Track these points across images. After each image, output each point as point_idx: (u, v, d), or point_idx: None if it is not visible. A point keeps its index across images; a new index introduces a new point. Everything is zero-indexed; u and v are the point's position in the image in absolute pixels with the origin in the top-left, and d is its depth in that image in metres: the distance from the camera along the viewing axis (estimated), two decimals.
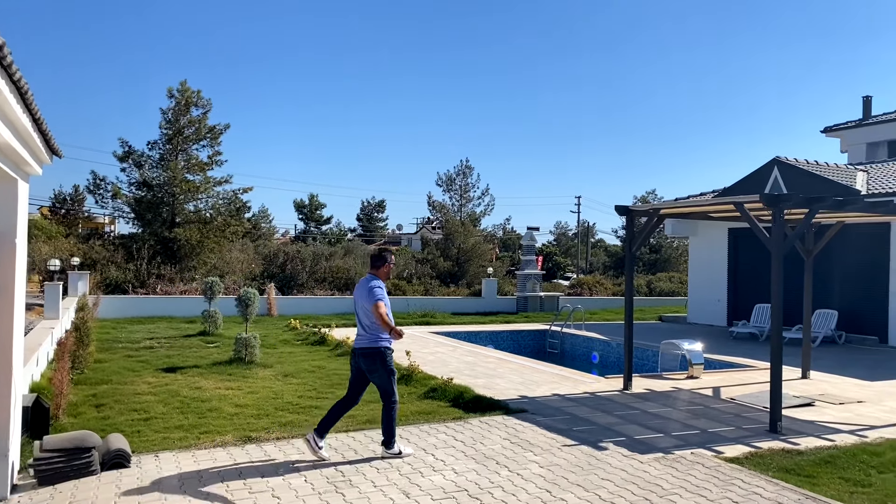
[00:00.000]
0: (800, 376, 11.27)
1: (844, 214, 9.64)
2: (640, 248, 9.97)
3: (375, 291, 6.16)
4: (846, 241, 16.00)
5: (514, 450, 6.49)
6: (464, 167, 39.24)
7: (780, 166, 17.08)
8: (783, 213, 7.59)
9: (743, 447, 6.88)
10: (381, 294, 6.20)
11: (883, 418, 8.39)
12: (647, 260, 52.22)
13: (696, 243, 21.02)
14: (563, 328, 17.79)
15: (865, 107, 23.75)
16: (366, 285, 6.27)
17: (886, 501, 5.40)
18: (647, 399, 9.26)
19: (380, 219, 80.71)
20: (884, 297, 15.47)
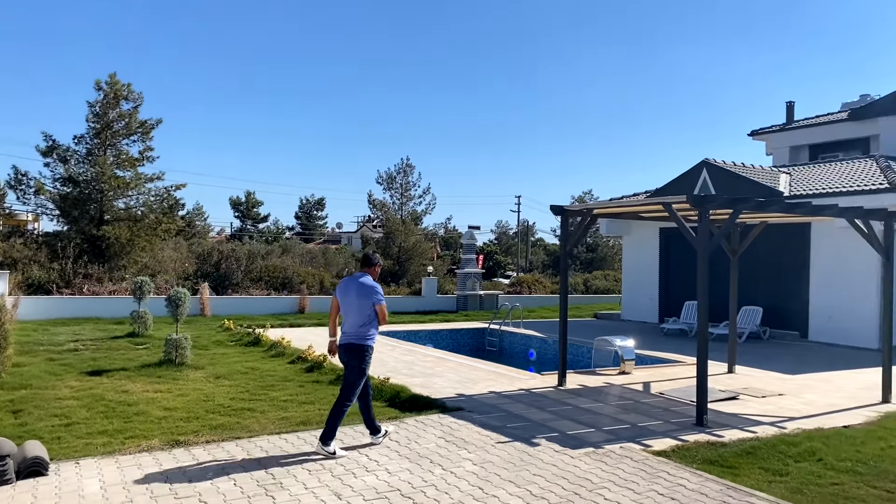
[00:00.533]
0: (726, 371, 11.70)
1: (767, 215, 10.05)
2: (576, 247, 10.15)
3: (380, 293, 6.41)
4: (770, 241, 16.69)
5: (448, 448, 6.50)
6: (405, 165, 39.17)
7: (708, 168, 17.68)
8: (709, 214, 7.85)
9: (670, 440, 7.09)
10: (382, 294, 6.50)
11: (801, 410, 8.79)
12: (584, 259, 53.30)
13: (629, 242, 21.57)
14: (501, 326, 17.96)
15: (789, 112, 24.84)
16: (359, 282, 6.42)
17: (801, 489, 5.65)
18: (581, 395, 9.44)
19: (319, 217, 79.75)
20: (805, 295, 16.21)
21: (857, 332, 14.92)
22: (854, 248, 14.79)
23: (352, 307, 6.41)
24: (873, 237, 9.46)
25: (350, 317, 6.43)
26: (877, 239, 9.50)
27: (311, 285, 25.89)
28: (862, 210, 9.23)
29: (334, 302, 6.68)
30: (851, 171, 16.63)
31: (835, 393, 9.95)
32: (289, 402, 8.56)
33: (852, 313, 15.07)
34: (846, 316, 15.21)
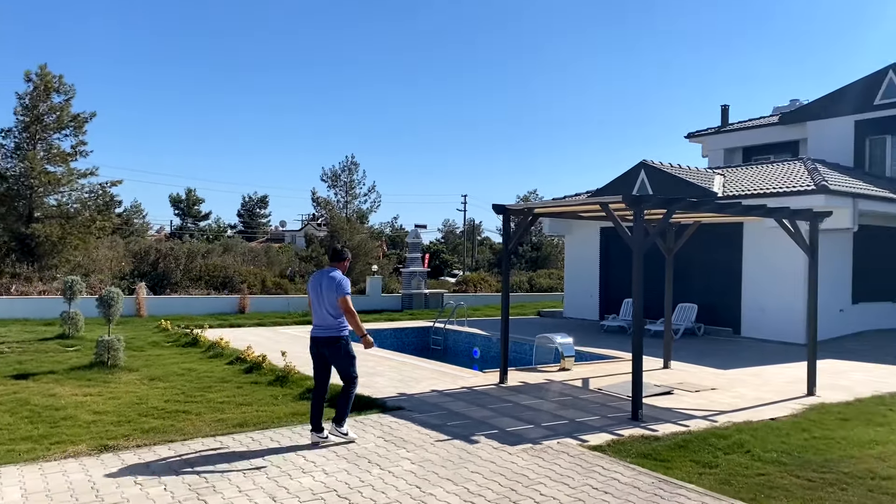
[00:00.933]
0: (662, 366, 12.02)
1: (699, 214, 10.36)
2: (519, 246, 10.25)
3: (344, 285, 6.57)
4: (706, 240, 17.21)
5: (387, 448, 6.48)
6: (349, 163, 38.89)
7: (646, 169, 18.12)
8: (643, 213, 8.04)
9: (606, 435, 7.23)
10: (349, 288, 6.64)
11: (732, 403, 9.09)
12: (529, 257, 53.86)
13: (570, 242, 21.92)
14: (446, 325, 18.00)
15: (723, 115, 25.68)
16: (329, 276, 6.62)
17: (729, 480, 5.84)
18: (521, 392, 9.54)
19: (262, 215, 78.44)
20: (737, 292, 16.79)
21: (786, 328, 15.52)
22: (783, 247, 15.37)
23: (322, 300, 6.62)
24: (799, 237, 9.86)
25: (321, 310, 6.64)
26: (803, 238, 9.90)
27: (253, 285, 25.42)
28: (788, 210, 9.60)
29: (309, 298, 6.88)
30: (781, 173, 17.29)
31: (764, 387, 10.33)
32: (226, 404, 8.38)
33: (781, 310, 15.68)
34: (776, 313, 15.81)
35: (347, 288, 6.59)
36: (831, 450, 6.81)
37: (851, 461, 6.44)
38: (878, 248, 17.23)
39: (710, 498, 5.32)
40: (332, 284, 6.58)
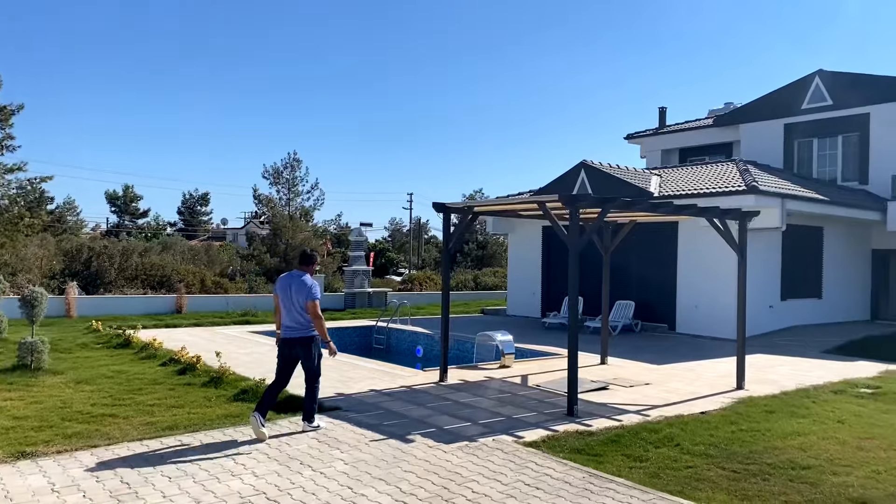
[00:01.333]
0: (599, 362, 12.23)
1: (634, 214, 10.58)
2: (462, 244, 10.26)
3: (315, 290, 6.81)
4: (643, 239, 17.59)
5: (320, 448, 6.39)
6: (292, 160, 38.34)
7: (586, 169, 18.42)
8: (579, 212, 8.16)
9: (542, 431, 7.30)
10: (319, 292, 6.88)
11: (664, 398, 9.31)
12: (474, 256, 54.09)
13: (514, 240, 22.12)
14: (389, 324, 17.91)
15: (661, 117, 26.34)
16: (299, 279, 6.86)
17: (659, 473, 5.98)
18: (461, 390, 9.56)
19: (203, 212, 76.59)
20: (673, 289, 17.23)
21: (718, 324, 16.01)
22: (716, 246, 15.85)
23: (291, 303, 6.83)
24: (729, 235, 10.17)
25: (291, 312, 6.85)
26: (732, 237, 10.21)
27: (192, 284, 24.78)
28: (718, 210, 9.90)
29: (275, 299, 7.06)
30: (715, 173, 17.83)
31: (696, 381, 10.62)
32: (156, 406, 8.13)
33: (714, 307, 16.16)
34: (709, 309, 16.30)
35: (318, 293, 6.84)
36: (756, 441, 7.04)
37: (774, 452, 6.68)
38: (804, 247, 17.95)
39: (638, 491, 5.43)
40: (302, 288, 6.80)
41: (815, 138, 20.92)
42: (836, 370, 11.79)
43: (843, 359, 13.22)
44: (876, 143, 19.48)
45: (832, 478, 5.91)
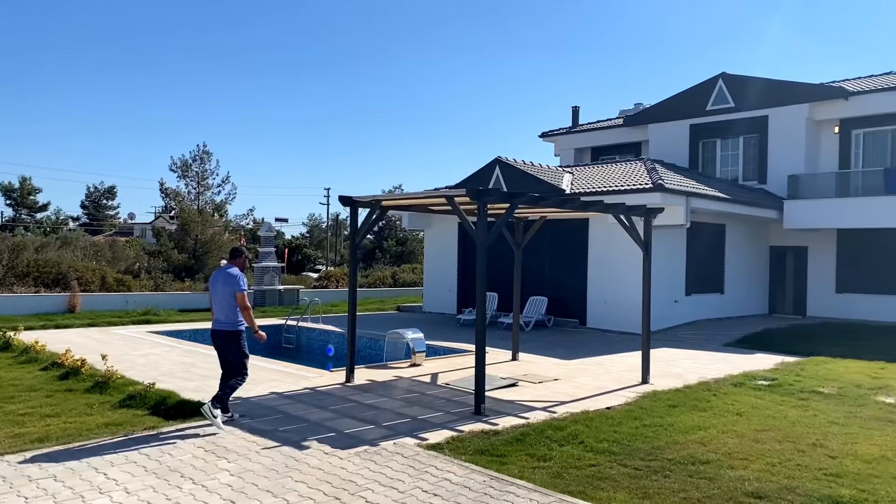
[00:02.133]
0: (510, 358, 12.17)
1: (543, 210, 10.54)
2: (377, 239, 9.92)
3: (241, 282, 7.01)
4: (555, 235, 17.76)
5: (206, 459, 5.92)
6: (201, 152, 36.59)
7: (501, 165, 18.42)
8: (487, 207, 7.99)
9: (447, 432, 7.09)
10: (245, 284, 7.06)
11: (572, 393, 9.29)
12: (393, 252, 53.76)
13: (430, 236, 21.93)
14: (299, 322, 17.34)
15: (574, 116, 26.76)
16: (226, 273, 7.09)
17: (562, 473, 5.85)
18: (367, 390, 9.23)
19: (109, 206, 72.80)
20: (584, 285, 17.46)
21: (626, 318, 16.32)
22: (624, 242, 16.16)
23: (220, 297, 7.06)
24: (635, 232, 10.27)
25: (220, 306, 7.08)
26: (638, 233, 10.32)
27: (91, 282, 23.28)
28: (624, 206, 9.97)
29: (210, 294, 7.32)
30: (624, 172, 18.18)
31: (604, 376, 10.70)
32: (28, 416, 7.41)
33: (622, 302, 16.47)
34: (617, 304, 16.60)
35: (244, 284, 7.02)
36: (659, 437, 7.06)
37: (676, 447, 6.70)
38: (708, 244, 18.57)
39: (539, 493, 5.28)
40: (229, 280, 7.04)
41: (719, 139, 21.72)
42: (735, 363, 12.16)
43: (743, 352, 13.69)
44: (773, 145, 20.39)
45: (729, 472, 5.95)
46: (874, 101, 18.88)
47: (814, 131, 20.15)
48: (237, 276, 7.05)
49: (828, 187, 18.95)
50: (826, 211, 18.59)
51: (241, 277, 7.05)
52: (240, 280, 7.03)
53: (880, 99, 18.78)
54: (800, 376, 10.72)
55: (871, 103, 18.93)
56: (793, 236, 20.41)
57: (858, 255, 19.45)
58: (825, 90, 19.54)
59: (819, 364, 11.94)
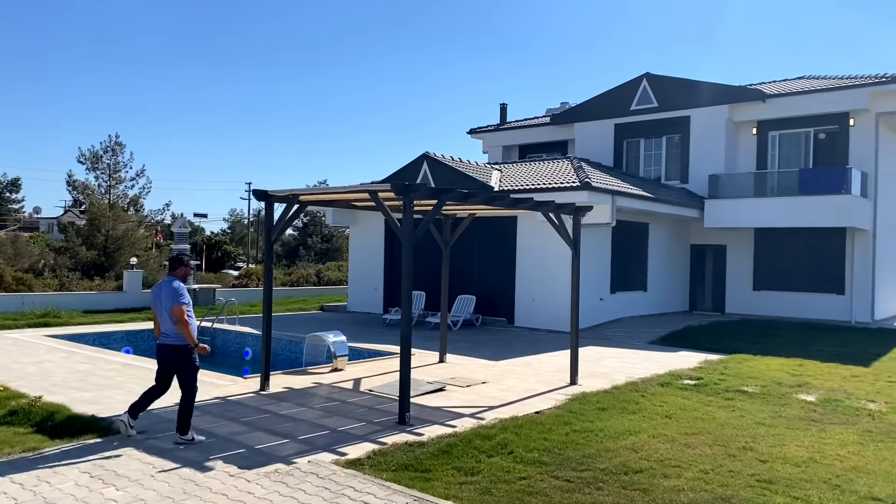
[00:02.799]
0: (437, 360, 11.76)
1: (472, 206, 10.18)
2: (301, 235, 9.28)
3: (180, 295, 6.53)
4: (484, 233, 17.49)
5: (90, 487, 5.22)
6: (113, 143, 34.55)
7: (428, 161, 18.00)
8: (413, 203, 7.53)
9: (369, 445, 6.60)
10: (186, 297, 6.57)
11: (501, 397, 8.96)
12: (318, 249, 52.57)
13: (355, 233, 21.29)
14: (214, 324, 16.39)
15: (502, 113, 26.63)
16: (168, 285, 6.65)
17: (490, 489, 5.47)
18: (284, 399, 8.61)
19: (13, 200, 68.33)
20: (512, 283, 17.26)
21: (553, 317, 16.22)
22: (552, 240, 16.03)
23: (163, 310, 6.65)
24: (564, 230, 10.04)
25: (164, 320, 6.67)
26: (567, 232, 10.09)
27: None
28: (553, 204, 9.72)
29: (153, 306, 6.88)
30: (551, 170, 18.08)
31: (532, 377, 10.44)
32: None
33: (549, 300, 16.36)
34: (545, 302, 16.47)
35: (181, 297, 6.56)
36: (590, 444, 6.79)
37: (607, 455, 6.43)
38: (632, 242, 18.73)
39: None
40: (169, 293, 6.62)
41: (643, 138, 22.00)
42: (661, 361, 12.16)
43: (667, 349, 13.77)
44: (695, 145, 20.79)
45: (663, 481, 5.72)
46: (789, 103, 19.49)
47: (733, 132, 20.65)
48: (177, 287, 6.61)
49: (746, 187, 19.45)
50: (744, 210, 19.07)
51: (181, 289, 6.60)
52: (177, 291, 6.57)
53: (795, 102, 19.40)
54: (724, 375, 10.77)
55: (787, 106, 19.53)
56: (712, 235, 20.89)
57: (774, 253, 20.07)
58: (744, 92, 20.05)
59: (741, 362, 12.08)
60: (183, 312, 6.50)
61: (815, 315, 18.99)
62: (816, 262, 19.34)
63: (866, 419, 8.12)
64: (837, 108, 18.79)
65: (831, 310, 18.88)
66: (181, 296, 6.56)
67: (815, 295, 19.24)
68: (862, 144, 18.77)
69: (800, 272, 19.57)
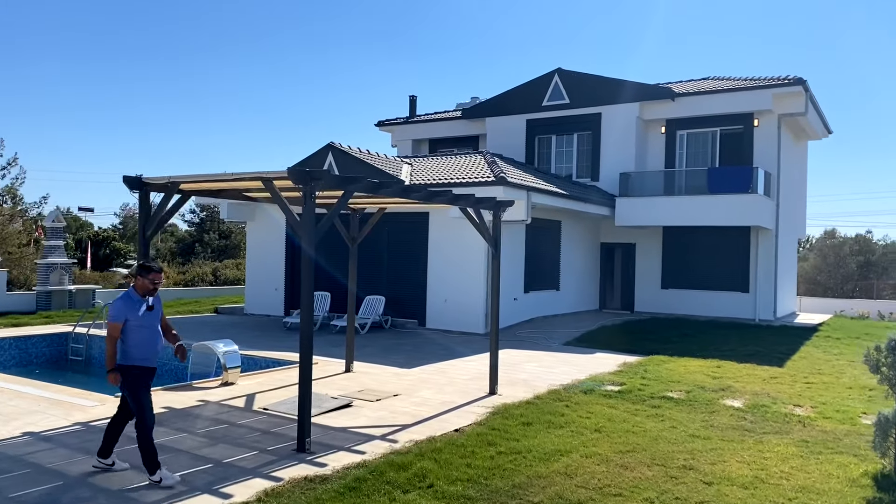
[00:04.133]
0: (343, 370, 10.69)
1: (383, 199, 9.20)
2: (158, 230, 7.96)
3: (112, 308, 5.63)
4: (393, 230, 16.50)
5: None
6: None
7: (334, 152, 16.82)
8: (315, 194, 6.46)
9: (261, 482, 5.50)
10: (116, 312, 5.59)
11: (415, 413, 8.03)
12: (216, 246, 49.84)
13: (254, 228, 19.75)
14: (91, 329, 14.55)
15: (412, 105, 25.68)
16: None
17: None
18: (162, 423, 7.30)
19: None
20: (423, 283, 16.36)
21: (466, 318, 15.46)
22: (466, 237, 15.28)
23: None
24: (483, 226, 9.23)
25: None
26: (486, 228, 9.29)
27: None
28: (473, 198, 8.88)
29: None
30: (464, 164, 17.31)
31: (448, 387, 9.57)
32: None
33: (462, 301, 15.58)
34: (457, 303, 15.68)
35: (115, 311, 5.60)
36: (518, 469, 5.97)
37: (540, 483, 5.63)
38: (545, 240, 18.28)
39: None
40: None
41: (554, 135, 21.65)
42: (579, 365, 11.62)
43: (584, 351, 13.28)
44: (606, 142, 20.62)
45: None
46: (697, 102, 19.61)
47: (643, 130, 20.62)
48: (114, 301, 5.70)
49: (656, 186, 19.42)
50: (654, 209, 19.02)
51: (114, 303, 5.65)
52: (112, 305, 5.65)
53: (702, 101, 19.55)
54: (645, 379, 10.31)
55: (694, 105, 19.65)
56: (622, 233, 20.81)
57: (681, 252, 20.19)
58: (654, 90, 20.03)
59: (660, 364, 11.71)
60: (110, 328, 5.60)
61: (721, 313, 19.21)
62: (722, 260, 19.58)
63: (798, 427, 7.75)
64: (743, 109, 19.06)
65: (736, 308, 19.16)
66: (113, 310, 5.60)
67: (720, 293, 19.48)
68: (765, 145, 19.13)
69: (706, 271, 19.77)
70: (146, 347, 5.62)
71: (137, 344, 5.58)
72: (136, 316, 5.59)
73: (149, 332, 5.65)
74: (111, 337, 5.56)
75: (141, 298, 5.68)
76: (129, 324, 5.56)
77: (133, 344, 5.58)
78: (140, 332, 5.60)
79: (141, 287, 5.70)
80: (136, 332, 5.59)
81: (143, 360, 5.60)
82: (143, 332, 5.61)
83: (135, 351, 5.58)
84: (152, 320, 5.71)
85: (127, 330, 5.57)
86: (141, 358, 5.60)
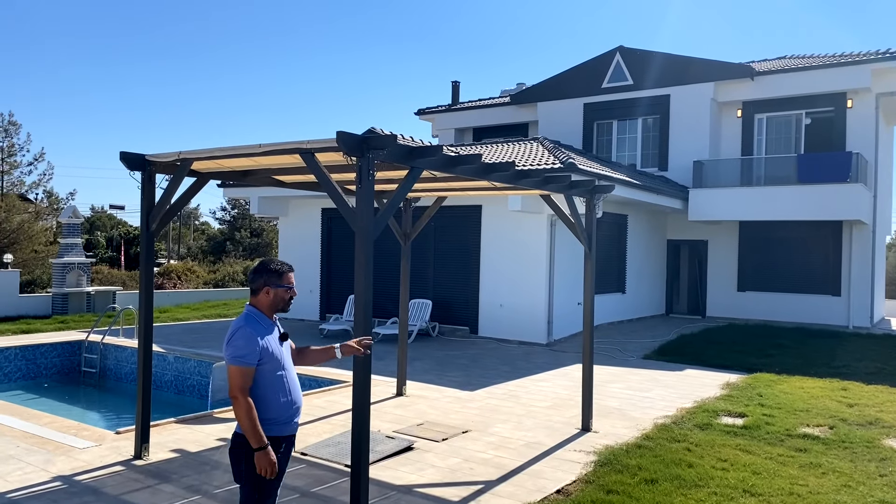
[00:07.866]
0: (395, 392, 8.85)
1: (445, 185, 7.30)
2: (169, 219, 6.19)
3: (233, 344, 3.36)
4: (442, 225, 14.64)
5: None
6: (7, 123, 30.10)
7: None
8: (373, 169, 4.60)
9: None
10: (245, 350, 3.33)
11: (495, 462, 6.15)
12: (247, 244, 48.60)
13: (286, 224, 18.03)
14: (106, 336, 12.95)
15: (454, 91, 23.77)
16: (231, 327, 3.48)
17: None
18: (166, 477, 5.54)
19: None
20: (475, 285, 14.44)
21: (526, 326, 13.54)
22: (525, 233, 13.37)
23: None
24: (576, 217, 7.29)
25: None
26: (579, 220, 7.34)
27: None
28: (569, 180, 6.94)
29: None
30: (521, 152, 15.33)
31: (527, 420, 7.68)
32: None
33: (522, 306, 13.66)
34: (516, 309, 13.75)
35: (237, 349, 3.35)
36: None
37: None
38: (611, 237, 16.27)
39: None
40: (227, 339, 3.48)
41: (616, 120, 19.57)
42: (673, 386, 9.65)
43: (671, 367, 11.29)
44: (675, 127, 18.49)
45: None
46: (780, 82, 17.38)
47: (717, 114, 18.45)
48: (233, 331, 3.45)
49: (730, 176, 17.24)
50: (735, 201, 16.80)
51: (235, 333, 3.42)
52: (231, 341, 3.40)
53: (786, 80, 17.31)
54: (766, 407, 8.30)
55: (777, 85, 17.42)
56: (692, 229, 18.67)
57: (761, 250, 17.99)
58: (731, 68, 17.83)
59: (771, 385, 9.66)
60: (235, 377, 3.34)
61: (807, 319, 16.98)
62: (809, 260, 17.34)
63: None
64: (835, 88, 16.78)
65: (826, 313, 16.90)
66: (233, 347, 3.38)
67: (807, 297, 17.23)
68: (860, 128, 16.82)
69: (790, 271, 17.54)
70: (290, 402, 3.52)
71: (276, 396, 3.47)
72: (269, 353, 3.45)
73: (290, 376, 3.57)
74: (242, 392, 3.33)
75: (271, 322, 3.60)
76: (263, 367, 3.43)
77: (270, 398, 3.45)
78: (278, 378, 3.48)
79: (271, 303, 3.59)
80: (274, 379, 3.47)
81: (287, 422, 3.51)
82: (284, 376, 3.52)
83: (275, 410, 3.46)
84: (288, 354, 3.64)
85: (260, 376, 3.43)
86: (285, 420, 3.50)
